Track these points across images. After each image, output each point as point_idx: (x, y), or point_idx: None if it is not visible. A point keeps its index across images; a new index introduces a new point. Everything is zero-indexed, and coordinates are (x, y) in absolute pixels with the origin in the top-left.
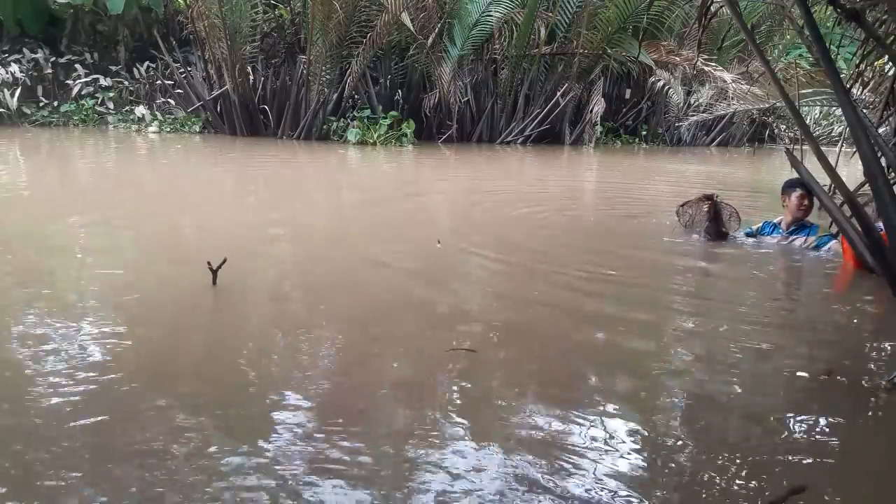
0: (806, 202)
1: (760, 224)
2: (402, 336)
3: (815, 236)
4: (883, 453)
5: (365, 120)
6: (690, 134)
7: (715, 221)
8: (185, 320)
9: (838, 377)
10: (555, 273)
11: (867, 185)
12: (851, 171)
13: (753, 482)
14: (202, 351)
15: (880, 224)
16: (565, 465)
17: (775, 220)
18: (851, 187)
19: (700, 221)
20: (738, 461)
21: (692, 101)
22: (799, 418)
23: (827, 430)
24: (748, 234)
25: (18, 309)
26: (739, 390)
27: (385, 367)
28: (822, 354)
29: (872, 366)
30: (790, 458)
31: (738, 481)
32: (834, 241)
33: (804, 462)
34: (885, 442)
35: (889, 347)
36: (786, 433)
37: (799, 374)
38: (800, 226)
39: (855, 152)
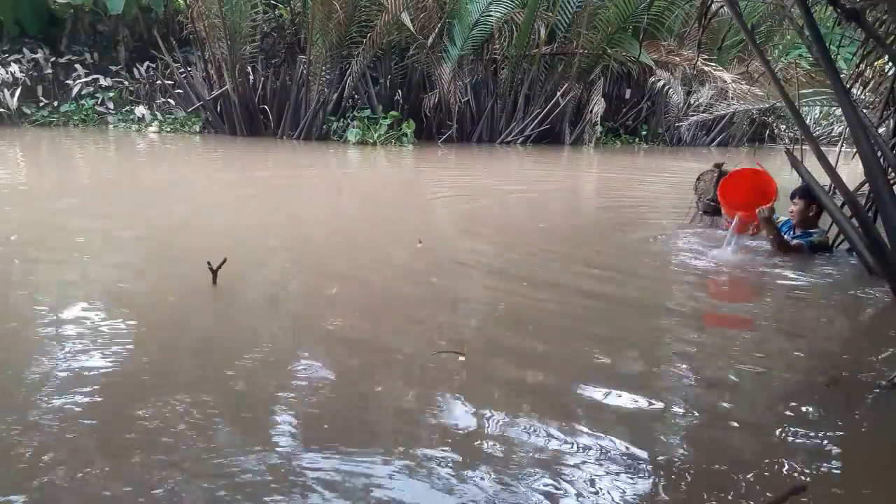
0: (793, 209)
1: (785, 219)
2: (399, 336)
3: (806, 240)
4: (883, 453)
5: (365, 120)
6: (690, 134)
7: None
8: (185, 319)
9: (839, 376)
10: (540, 276)
11: (867, 184)
12: (851, 171)
13: (754, 482)
14: (202, 350)
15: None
16: (562, 460)
17: (793, 221)
18: (851, 187)
19: (708, 191)
20: (738, 461)
21: (692, 101)
22: (799, 418)
23: (827, 430)
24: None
25: (17, 307)
26: (740, 391)
27: (384, 368)
28: (822, 354)
29: (873, 366)
30: (790, 458)
31: (738, 481)
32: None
33: (804, 462)
34: (885, 442)
35: (889, 348)
36: (786, 433)
37: (799, 374)
38: (804, 231)
39: (855, 152)
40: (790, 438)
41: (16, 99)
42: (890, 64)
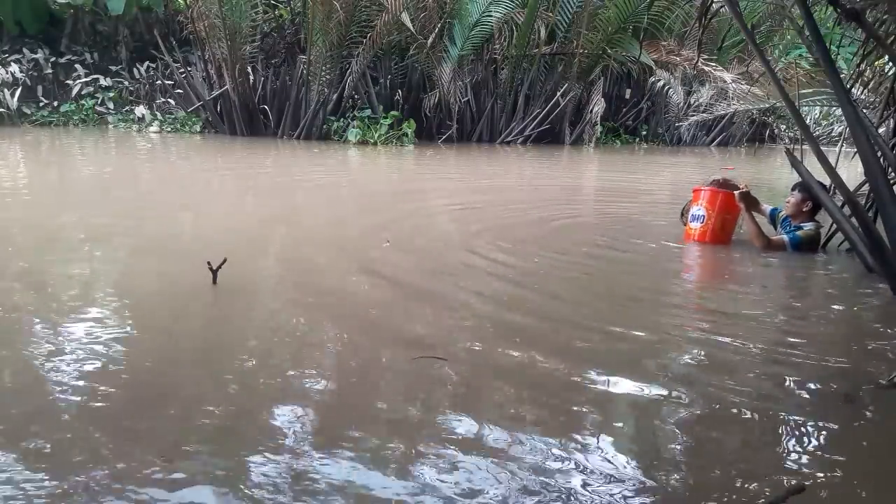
0: (790, 200)
1: (785, 214)
2: (399, 336)
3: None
4: (883, 453)
5: (365, 120)
6: (690, 134)
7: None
8: (185, 319)
9: (837, 383)
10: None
11: (867, 184)
12: (851, 172)
13: (753, 482)
14: (202, 350)
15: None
16: (560, 458)
17: (787, 213)
18: (851, 187)
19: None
20: (737, 461)
21: (692, 101)
22: (798, 418)
23: (826, 429)
24: (773, 212)
25: (17, 308)
26: (737, 391)
27: (383, 368)
28: (822, 354)
29: (872, 365)
30: (790, 458)
31: (737, 481)
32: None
33: (804, 462)
34: (885, 442)
35: (889, 347)
36: (785, 433)
37: (798, 374)
38: (796, 225)
39: (855, 152)
40: (789, 438)
41: (16, 99)
42: (890, 64)
